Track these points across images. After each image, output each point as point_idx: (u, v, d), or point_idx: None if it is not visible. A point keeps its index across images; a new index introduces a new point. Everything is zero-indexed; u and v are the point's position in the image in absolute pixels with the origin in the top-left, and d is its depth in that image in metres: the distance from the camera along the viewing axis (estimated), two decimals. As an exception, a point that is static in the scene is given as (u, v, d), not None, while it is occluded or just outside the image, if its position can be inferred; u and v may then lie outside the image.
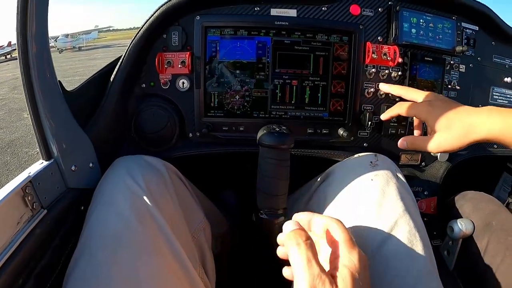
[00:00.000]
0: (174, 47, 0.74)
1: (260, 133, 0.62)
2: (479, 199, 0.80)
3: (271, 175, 0.61)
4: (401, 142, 0.63)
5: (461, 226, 0.72)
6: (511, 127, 0.49)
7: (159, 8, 0.70)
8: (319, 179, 0.69)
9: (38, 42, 0.52)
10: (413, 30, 0.78)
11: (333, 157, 0.77)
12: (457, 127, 0.54)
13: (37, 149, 0.58)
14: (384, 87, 0.74)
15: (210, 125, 0.75)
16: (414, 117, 0.72)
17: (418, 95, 0.65)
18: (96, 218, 0.49)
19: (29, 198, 0.49)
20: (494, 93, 0.91)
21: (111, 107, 0.70)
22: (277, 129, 0.63)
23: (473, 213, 0.75)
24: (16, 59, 0.53)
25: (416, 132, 0.73)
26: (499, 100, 0.92)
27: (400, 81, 0.79)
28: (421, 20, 0.79)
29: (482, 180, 1.02)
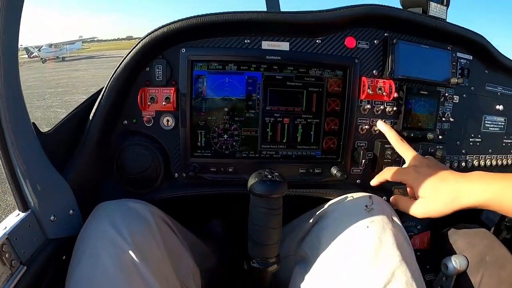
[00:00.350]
0: (158, 82, 0.68)
1: (251, 181, 0.58)
2: (472, 234, 0.79)
3: (263, 225, 0.58)
4: (392, 200, 0.66)
5: (455, 263, 0.71)
6: (498, 195, 0.49)
7: (142, 39, 0.64)
8: (312, 219, 0.67)
9: (9, 85, 0.47)
10: (409, 63, 0.75)
11: (325, 196, 0.74)
12: (444, 195, 0.54)
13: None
14: (383, 128, 0.73)
15: (197, 166, 0.70)
16: None
17: (408, 153, 0.66)
18: (80, 276, 0.47)
19: (7, 256, 0.46)
20: (486, 122, 0.91)
21: (90, 146, 0.64)
22: (269, 176, 0.58)
23: (467, 248, 0.75)
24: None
25: (409, 190, 0.70)
26: (491, 128, 0.92)
27: (395, 116, 0.76)
28: (417, 52, 0.76)
29: None
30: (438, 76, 0.78)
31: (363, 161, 0.73)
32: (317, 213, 0.66)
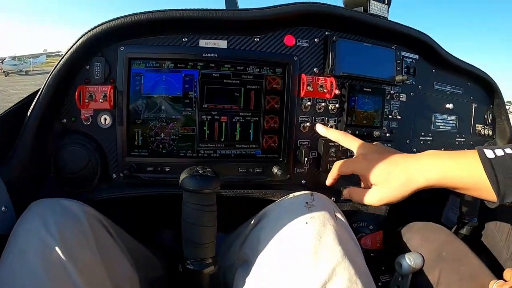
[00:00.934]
0: (96, 80, 0.67)
1: (182, 176, 0.56)
2: (427, 229, 0.78)
3: (196, 222, 0.55)
4: (344, 193, 0.65)
5: (410, 261, 0.69)
6: (449, 173, 0.48)
7: (81, 37, 0.63)
8: (253, 221, 0.65)
9: None
10: (351, 61, 0.75)
11: (269, 197, 0.72)
12: (396, 179, 0.53)
13: None
14: (321, 130, 0.71)
15: (134, 165, 0.68)
16: None
17: (353, 143, 0.64)
18: (5, 272, 0.45)
19: None
20: (437, 120, 0.91)
21: (27, 144, 0.62)
22: (201, 172, 0.56)
23: (422, 245, 0.73)
24: None
25: (362, 179, 0.67)
26: (442, 127, 0.92)
27: (338, 114, 0.76)
28: (360, 50, 0.76)
29: (430, 206, 1.02)
30: (382, 73, 0.78)
31: (306, 159, 0.71)
32: (259, 214, 0.64)
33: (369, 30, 0.77)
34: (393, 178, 0.53)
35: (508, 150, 0.46)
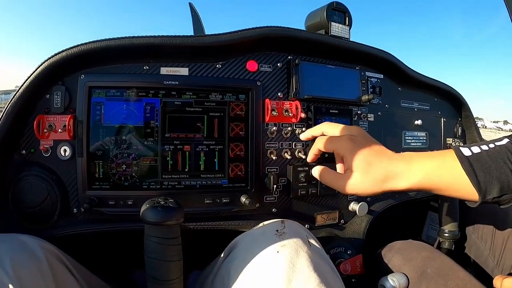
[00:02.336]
0: (56, 109, 0.64)
1: (142, 208, 0.52)
2: (408, 248, 0.75)
3: (159, 257, 0.51)
4: (314, 171, 0.62)
5: (393, 282, 0.66)
6: (429, 174, 0.47)
7: (41, 64, 0.61)
8: (223, 254, 0.61)
9: None
10: (315, 83, 0.75)
11: (239, 228, 0.69)
12: (375, 172, 0.50)
13: None
14: (306, 135, 0.68)
15: (95, 199, 0.65)
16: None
17: (339, 127, 0.60)
18: None
19: None
20: (407, 137, 0.91)
21: None
22: (162, 203, 0.53)
23: (404, 264, 0.70)
24: None
25: (339, 167, 0.64)
26: (412, 144, 0.92)
27: (306, 137, 0.74)
28: (323, 72, 0.77)
29: (408, 224, 1.00)
30: (347, 95, 0.79)
31: (275, 187, 0.69)
32: (228, 246, 0.61)
33: (331, 52, 0.78)
34: (373, 170, 0.51)
35: (484, 147, 0.46)
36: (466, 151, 0.46)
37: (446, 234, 0.86)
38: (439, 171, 0.47)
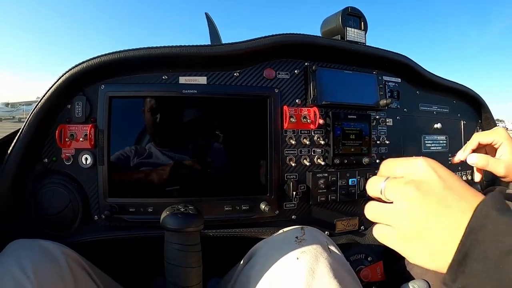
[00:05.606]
0: (77, 119, 0.66)
1: (162, 215, 0.53)
2: None
3: (180, 264, 0.52)
4: (471, 158, 0.60)
5: None
6: None
7: (62, 76, 0.63)
8: (242, 261, 0.61)
9: None
10: (333, 89, 0.74)
11: (258, 235, 0.69)
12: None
13: None
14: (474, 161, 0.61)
15: (116, 206, 0.66)
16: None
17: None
18: None
19: None
20: (426, 141, 0.89)
21: (6, 184, 0.60)
22: (182, 210, 0.53)
23: (426, 271, 0.69)
24: None
25: (477, 176, 0.64)
26: (432, 148, 0.90)
27: (324, 144, 0.74)
28: (340, 78, 0.76)
29: None
30: (365, 100, 0.78)
31: (294, 193, 0.68)
32: (248, 253, 0.61)
33: (348, 57, 0.78)
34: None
35: None
36: None
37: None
38: None
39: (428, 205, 0.32)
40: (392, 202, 0.35)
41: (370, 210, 0.38)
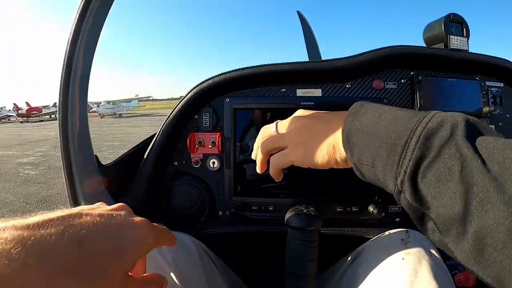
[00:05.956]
0: (205, 128, 0.77)
1: (287, 215, 0.61)
2: None
3: (300, 257, 0.60)
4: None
5: None
6: None
7: (191, 91, 0.73)
8: (350, 258, 0.68)
9: (78, 121, 0.58)
10: (438, 97, 0.77)
11: (364, 235, 0.75)
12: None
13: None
14: None
15: (240, 204, 0.76)
16: None
17: None
18: None
19: None
20: None
21: (143, 182, 0.72)
22: (305, 211, 0.61)
23: None
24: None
25: None
26: None
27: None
28: (445, 86, 0.78)
29: None
30: (468, 107, 0.79)
31: None
32: (355, 250, 0.68)
33: (451, 65, 0.79)
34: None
35: None
36: None
37: None
38: None
39: (312, 118, 0.51)
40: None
41: (265, 143, 0.55)
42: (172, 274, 0.54)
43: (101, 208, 0.36)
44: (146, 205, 0.74)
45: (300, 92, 0.75)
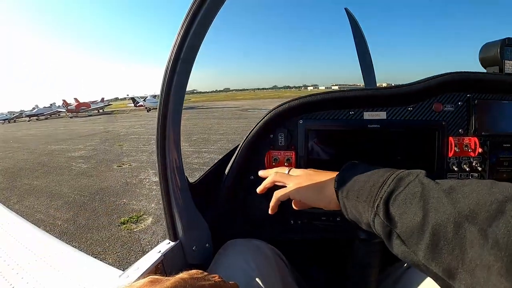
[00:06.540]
0: (280, 146, 0.85)
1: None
2: None
3: (364, 263, 0.70)
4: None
5: None
6: None
7: (267, 114, 0.81)
8: (406, 264, 0.75)
9: (172, 148, 0.67)
10: (492, 119, 0.83)
11: None
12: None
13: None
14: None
15: (311, 214, 0.85)
16: None
17: None
18: None
19: (159, 271, 0.64)
20: None
21: (225, 195, 0.82)
22: None
23: None
24: (106, 113, 0.65)
25: None
26: None
27: (482, 170, 0.84)
28: (499, 108, 0.84)
29: None
30: (520, 128, 0.85)
31: None
32: None
33: (506, 88, 0.84)
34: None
35: None
36: None
37: None
38: None
39: (311, 172, 0.65)
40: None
41: (277, 176, 0.68)
42: (255, 276, 0.64)
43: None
44: (226, 215, 0.84)
45: (367, 115, 0.82)
